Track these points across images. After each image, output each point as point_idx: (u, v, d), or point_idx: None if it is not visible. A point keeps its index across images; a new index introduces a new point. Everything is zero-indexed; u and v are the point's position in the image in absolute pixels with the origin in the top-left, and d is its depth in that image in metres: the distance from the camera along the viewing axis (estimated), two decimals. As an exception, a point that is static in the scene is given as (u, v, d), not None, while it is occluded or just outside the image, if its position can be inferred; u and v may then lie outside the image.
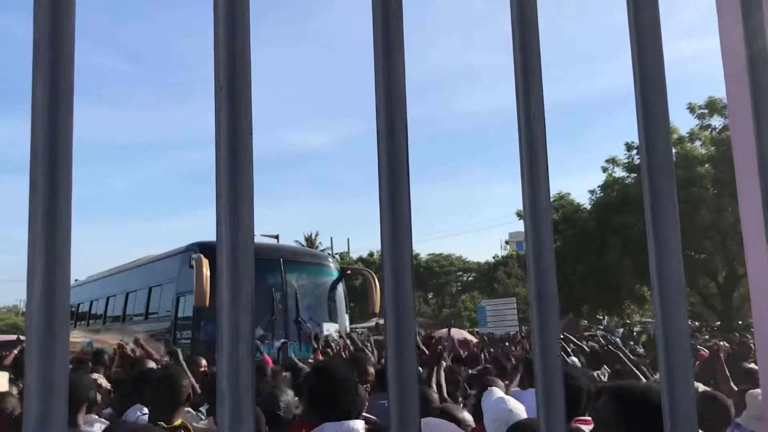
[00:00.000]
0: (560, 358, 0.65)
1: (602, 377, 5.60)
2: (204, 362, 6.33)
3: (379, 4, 0.62)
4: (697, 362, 6.64)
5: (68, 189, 0.53)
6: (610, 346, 6.62)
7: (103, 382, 5.28)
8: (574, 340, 7.96)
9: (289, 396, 3.39)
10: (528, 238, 0.63)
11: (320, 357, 7.75)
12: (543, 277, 0.63)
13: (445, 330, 13.58)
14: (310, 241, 45.22)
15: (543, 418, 0.63)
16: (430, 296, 56.31)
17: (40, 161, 0.52)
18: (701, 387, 4.23)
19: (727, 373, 5.15)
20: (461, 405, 4.37)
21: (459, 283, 58.09)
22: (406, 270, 0.60)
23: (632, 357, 5.84)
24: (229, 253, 0.55)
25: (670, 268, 0.66)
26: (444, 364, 5.32)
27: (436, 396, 4.16)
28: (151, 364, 6.07)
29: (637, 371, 5.08)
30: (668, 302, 0.66)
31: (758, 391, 3.52)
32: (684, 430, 0.64)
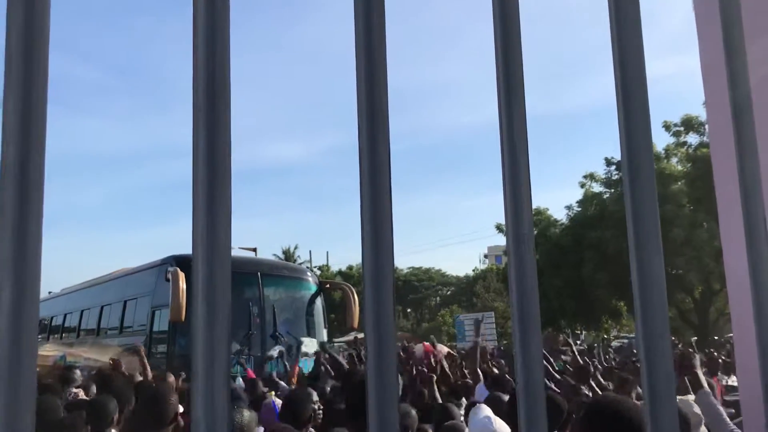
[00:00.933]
0: (543, 382, 0.64)
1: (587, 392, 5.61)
2: (172, 378, 6.17)
3: (362, 15, 0.61)
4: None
5: (39, 201, 0.51)
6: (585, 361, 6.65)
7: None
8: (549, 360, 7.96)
9: (244, 416, 3.30)
10: (510, 257, 0.62)
11: (295, 374, 7.68)
12: (525, 299, 0.62)
13: (420, 345, 13.55)
14: (288, 255, 45.03)
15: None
16: (409, 310, 56.27)
17: (10, 172, 0.51)
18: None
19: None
20: None
21: (438, 297, 58.13)
22: (388, 287, 0.59)
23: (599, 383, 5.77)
24: (205, 273, 0.54)
25: (654, 295, 0.66)
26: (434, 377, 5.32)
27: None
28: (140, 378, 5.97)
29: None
30: (652, 328, 0.65)
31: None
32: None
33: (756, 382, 0.77)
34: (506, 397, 4.34)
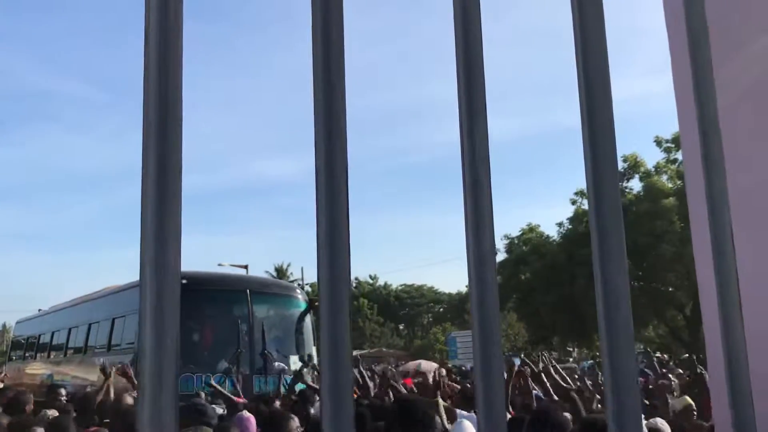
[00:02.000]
0: (505, 406, 0.63)
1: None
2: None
3: (320, 30, 0.61)
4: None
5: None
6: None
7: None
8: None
9: None
10: (471, 279, 0.61)
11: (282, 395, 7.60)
12: (487, 320, 0.61)
13: (412, 363, 13.49)
14: (280, 272, 44.88)
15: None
16: (401, 327, 56.10)
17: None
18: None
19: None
20: None
21: (430, 315, 57.98)
22: (344, 304, 0.57)
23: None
24: (153, 297, 0.52)
25: (619, 315, 0.65)
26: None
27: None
28: (129, 400, 5.86)
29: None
30: (617, 348, 0.64)
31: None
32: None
33: (724, 389, 0.76)
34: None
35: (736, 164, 0.88)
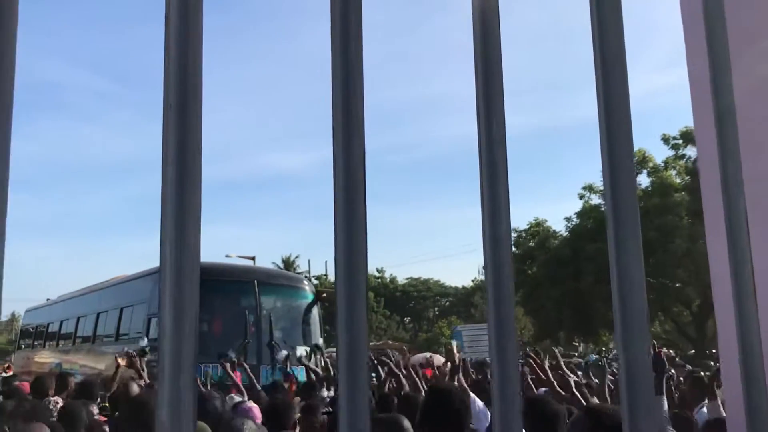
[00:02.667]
0: (519, 387, 0.63)
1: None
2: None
3: (338, 20, 0.61)
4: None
5: (3, 202, 0.50)
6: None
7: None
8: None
9: (250, 425, 3.31)
10: (487, 263, 0.62)
11: (292, 385, 7.62)
12: (502, 303, 0.61)
13: (420, 355, 13.49)
14: (287, 264, 44.97)
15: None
16: (407, 321, 56.13)
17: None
18: None
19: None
20: None
21: (436, 308, 58.00)
22: (361, 293, 0.58)
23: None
24: (173, 276, 0.53)
25: (634, 305, 0.65)
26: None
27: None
28: (135, 387, 5.89)
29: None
30: (631, 339, 0.64)
31: None
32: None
33: (739, 390, 0.76)
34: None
35: (751, 155, 0.88)
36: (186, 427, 0.52)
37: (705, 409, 5.09)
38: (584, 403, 4.52)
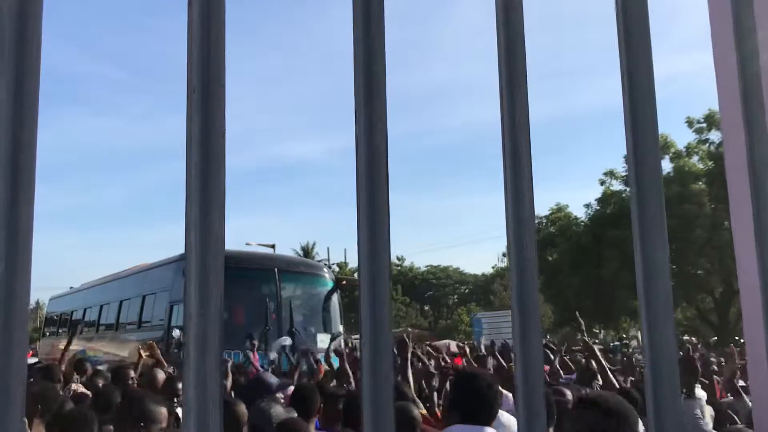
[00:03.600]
0: (542, 371, 0.63)
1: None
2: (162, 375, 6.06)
3: (360, 18, 0.61)
4: None
5: (31, 192, 0.51)
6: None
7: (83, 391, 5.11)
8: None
9: (278, 410, 3.34)
10: (510, 246, 0.61)
11: (321, 371, 7.66)
12: (525, 287, 0.61)
13: (440, 343, 13.52)
14: (306, 251, 45.14)
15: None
16: (426, 308, 56.21)
17: (2, 163, 0.50)
18: None
19: None
20: None
21: (456, 295, 58.00)
22: (384, 281, 0.58)
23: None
24: (198, 260, 0.53)
25: (658, 282, 0.64)
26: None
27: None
28: (161, 374, 5.95)
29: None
30: (656, 317, 0.64)
31: None
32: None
33: (766, 381, 0.76)
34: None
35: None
36: (212, 408, 0.52)
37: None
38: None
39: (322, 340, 11.06)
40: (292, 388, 4.57)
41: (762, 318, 0.73)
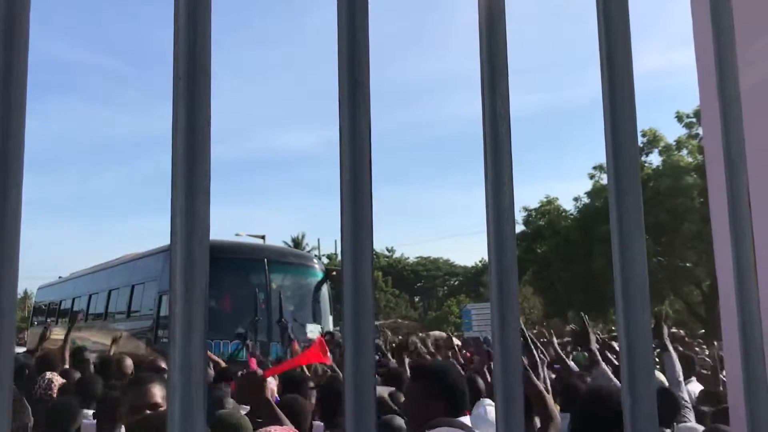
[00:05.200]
0: (521, 359, 0.65)
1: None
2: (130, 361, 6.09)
3: (345, 8, 0.61)
4: None
5: (19, 177, 0.52)
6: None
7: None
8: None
9: (230, 403, 3.35)
10: (490, 236, 0.63)
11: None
12: (504, 277, 0.62)
13: (436, 333, 13.55)
14: (297, 242, 45.10)
15: (501, 419, 0.63)
16: (416, 299, 56.35)
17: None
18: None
19: None
20: None
21: (445, 287, 58.15)
22: (366, 271, 0.59)
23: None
24: (183, 244, 0.54)
25: (634, 268, 0.66)
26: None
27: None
28: (129, 361, 5.98)
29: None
30: (631, 303, 0.66)
31: None
32: (644, 429, 0.64)
33: (738, 368, 0.77)
34: None
35: (755, 139, 0.88)
36: (196, 390, 0.53)
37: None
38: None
39: (311, 331, 11.09)
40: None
41: (735, 305, 0.75)
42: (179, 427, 0.53)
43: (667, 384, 4.18)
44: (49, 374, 4.96)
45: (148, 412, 2.50)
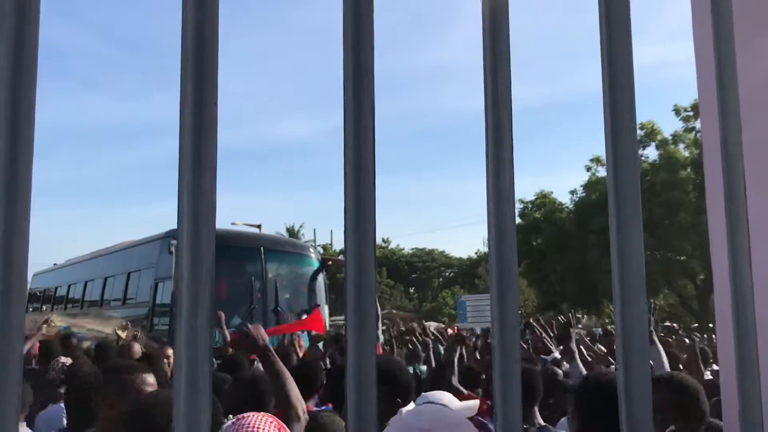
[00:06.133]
0: (519, 342, 0.66)
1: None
2: (170, 352, 6.14)
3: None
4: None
5: (28, 169, 0.53)
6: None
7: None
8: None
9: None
10: (490, 218, 0.64)
11: (301, 347, 7.72)
12: (503, 257, 0.63)
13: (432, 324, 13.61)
14: (292, 232, 45.11)
15: (500, 402, 0.64)
16: (411, 290, 56.45)
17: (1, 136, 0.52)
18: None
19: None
20: None
21: (441, 278, 58.28)
22: (369, 263, 0.60)
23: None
24: (190, 222, 0.55)
25: (631, 254, 0.67)
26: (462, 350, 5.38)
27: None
28: (137, 347, 6.06)
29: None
30: (628, 288, 0.67)
31: None
32: (639, 411, 0.65)
33: (732, 361, 0.79)
34: None
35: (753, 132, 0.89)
36: (202, 365, 0.54)
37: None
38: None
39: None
40: None
41: (730, 293, 0.77)
42: (185, 401, 0.54)
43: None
44: (63, 358, 5.25)
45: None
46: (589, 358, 5.62)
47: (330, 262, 13.20)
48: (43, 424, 4.01)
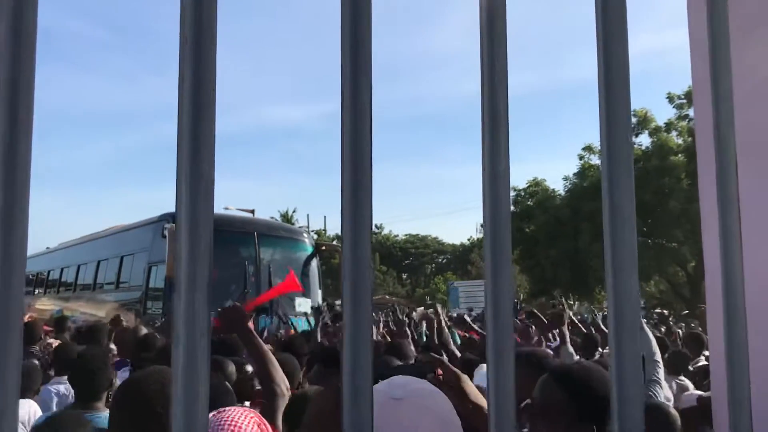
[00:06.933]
0: (513, 319, 0.67)
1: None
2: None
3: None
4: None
5: (27, 153, 0.53)
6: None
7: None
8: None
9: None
10: (486, 197, 0.65)
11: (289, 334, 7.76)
12: (498, 235, 0.64)
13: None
14: (286, 218, 45.07)
15: (493, 383, 0.65)
16: (404, 276, 56.59)
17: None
18: None
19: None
20: None
21: (434, 265, 58.42)
22: (365, 247, 0.61)
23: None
24: (188, 202, 0.56)
25: (623, 235, 0.68)
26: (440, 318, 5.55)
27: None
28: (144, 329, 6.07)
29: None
30: (621, 268, 0.68)
31: None
32: (630, 391, 0.67)
33: (722, 354, 0.80)
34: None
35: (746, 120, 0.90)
36: (200, 339, 0.55)
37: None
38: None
39: (300, 304, 11.14)
40: None
41: (720, 278, 0.78)
42: (183, 375, 0.55)
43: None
44: (50, 339, 5.40)
45: None
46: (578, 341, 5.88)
47: (324, 248, 13.22)
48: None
